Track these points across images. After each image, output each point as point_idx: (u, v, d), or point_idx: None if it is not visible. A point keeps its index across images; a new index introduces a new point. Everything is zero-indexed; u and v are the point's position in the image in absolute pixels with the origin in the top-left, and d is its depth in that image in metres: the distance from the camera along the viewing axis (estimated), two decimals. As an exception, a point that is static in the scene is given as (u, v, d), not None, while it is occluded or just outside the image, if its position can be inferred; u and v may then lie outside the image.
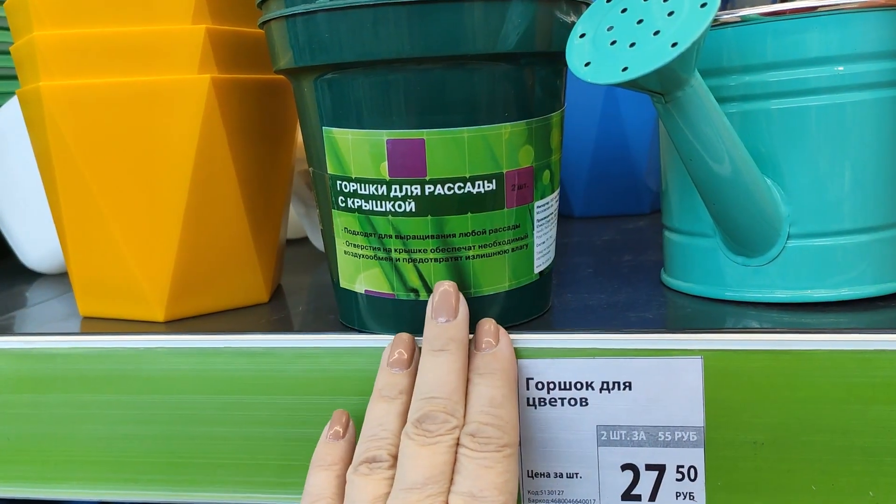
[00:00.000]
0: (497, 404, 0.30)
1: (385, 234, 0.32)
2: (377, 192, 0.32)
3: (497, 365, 0.31)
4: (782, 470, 0.31)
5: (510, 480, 0.28)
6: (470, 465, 0.28)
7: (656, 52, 0.27)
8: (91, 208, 0.37)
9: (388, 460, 0.30)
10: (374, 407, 0.31)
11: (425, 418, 0.29)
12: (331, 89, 0.32)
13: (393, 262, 0.33)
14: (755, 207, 0.33)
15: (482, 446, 0.29)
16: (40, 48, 0.35)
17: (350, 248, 0.34)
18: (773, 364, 0.30)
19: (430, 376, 0.30)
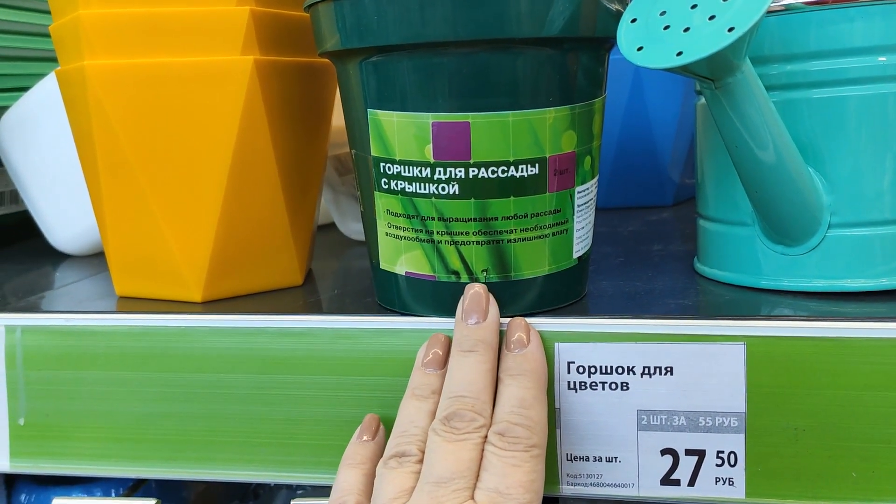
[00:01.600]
0: (527, 405, 0.30)
1: (428, 217, 0.33)
2: (421, 174, 0.32)
3: (528, 366, 0.31)
4: (823, 456, 0.31)
5: (536, 480, 0.29)
6: (498, 462, 0.28)
7: (712, 37, 0.27)
8: (132, 187, 0.38)
9: (417, 455, 0.30)
10: (406, 405, 0.32)
11: (453, 416, 0.29)
12: (376, 72, 0.32)
13: (435, 244, 0.33)
14: (798, 196, 0.33)
15: (511, 445, 0.29)
16: (85, 27, 0.36)
17: (392, 230, 0.34)
18: (815, 351, 0.31)
19: (458, 376, 0.31)
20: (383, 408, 0.34)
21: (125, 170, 0.37)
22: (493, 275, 0.33)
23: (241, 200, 0.38)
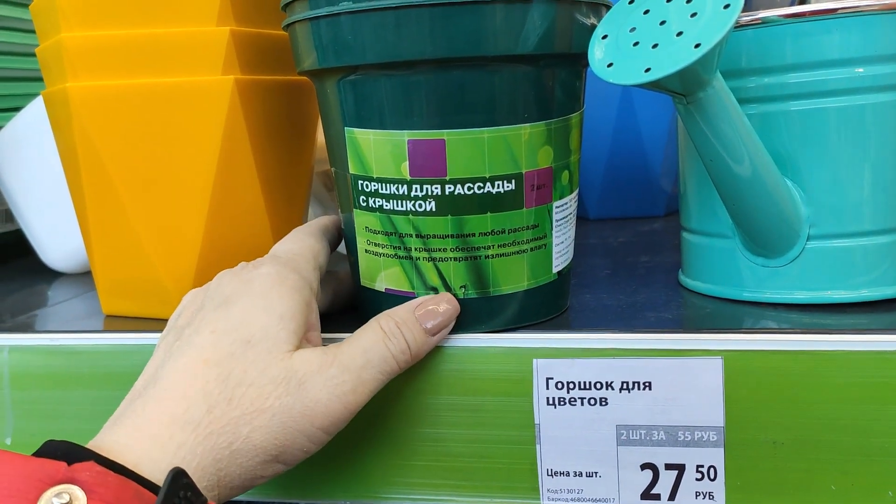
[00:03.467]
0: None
1: (405, 234, 0.33)
2: (398, 191, 0.32)
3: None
4: (802, 470, 0.31)
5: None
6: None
7: (679, 53, 0.27)
8: (116, 207, 0.38)
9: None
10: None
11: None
12: (353, 90, 0.32)
13: (413, 260, 0.33)
14: (775, 208, 0.33)
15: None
16: (67, 49, 0.36)
17: (371, 247, 0.34)
18: (793, 364, 0.31)
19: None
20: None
21: (109, 190, 0.38)
22: (472, 291, 0.33)
23: (224, 219, 0.38)
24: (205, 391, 0.28)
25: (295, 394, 0.28)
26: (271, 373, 0.28)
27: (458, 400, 0.33)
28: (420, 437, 0.34)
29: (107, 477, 0.24)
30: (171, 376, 0.28)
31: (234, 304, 0.30)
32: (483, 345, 0.33)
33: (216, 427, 0.27)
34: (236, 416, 0.27)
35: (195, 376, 0.28)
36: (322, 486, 0.35)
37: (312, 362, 0.29)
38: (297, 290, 0.31)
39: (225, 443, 0.27)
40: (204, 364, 0.28)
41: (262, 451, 0.28)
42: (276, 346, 0.29)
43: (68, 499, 0.23)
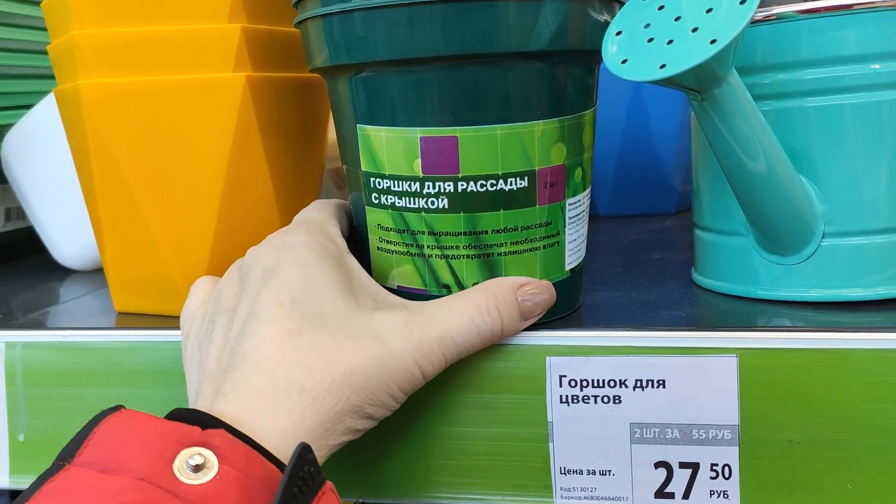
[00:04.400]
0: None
1: (418, 231, 0.33)
2: (410, 188, 0.32)
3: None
4: (818, 469, 0.30)
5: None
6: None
7: (695, 49, 0.27)
8: (128, 205, 0.38)
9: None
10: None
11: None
12: (365, 87, 0.32)
13: (425, 258, 0.33)
14: (790, 206, 0.33)
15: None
16: (79, 46, 0.36)
17: (383, 245, 0.34)
18: (809, 363, 0.30)
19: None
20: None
21: (121, 187, 0.38)
22: None
23: (236, 215, 0.38)
24: (300, 357, 0.28)
25: (385, 356, 0.29)
26: (358, 336, 0.29)
27: (472, 398, 0.33)
28: (435, 435, 0.34)
29: (237, 445, 0.24)
30: (259, 350, 0.28)
31: (283, 274, 0.30)
32: (497, 342, 0.33)
33: (319, 390, 0.27)
34: (336, 377, 0.28)
35: (286, 345, 0.28)
36: (336, 484, 0.35)
37: (397, 324, 0.30)
38: (337, 259, 0.32)
39: (330, 404, 0.28)
40: (289, 334, 0.28)
41: (359, 409, 0.29)
42: (351, 312, 0.30)
43: (202, 461, 0.23)
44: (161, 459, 0.23)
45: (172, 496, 0.23)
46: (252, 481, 0.24)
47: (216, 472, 0.23)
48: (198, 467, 0.23)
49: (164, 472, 0.23)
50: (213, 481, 0.23)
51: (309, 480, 0.24)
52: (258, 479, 0.24)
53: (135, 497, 0.22)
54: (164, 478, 0.23)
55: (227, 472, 0.24)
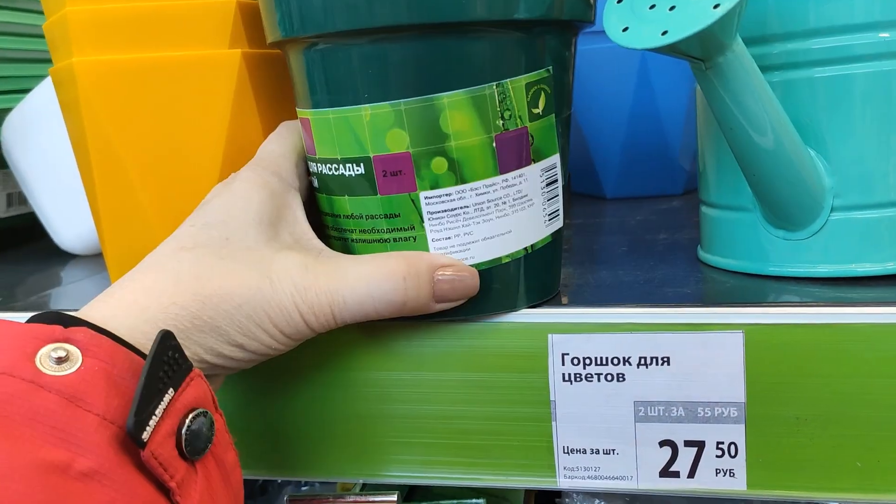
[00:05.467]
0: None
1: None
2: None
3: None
4: (826, 446, 0.30)
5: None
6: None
7: (697, 15, 0.26)
8: (124, 185, 0.38)
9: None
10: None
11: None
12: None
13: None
14: (797, 179, 0.32)
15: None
16: (73, 23, 0.36)
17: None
18: (816, 338, 0.30)
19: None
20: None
21: (117, 167, 0.37)
22: None
23: (234, 195, 0.38)
24: (175, 268, 0.29)
25: (266, 294, 0.29)
26: (245, 267, 0.29)
27: (472, 376, 0.33)
28: (433, 415, 0.33)
29: (100, 339, 0.25)
30: (147, 262, 0.30)
31: (211, 203, 0.31)
32: (496, 320, 0.32)
33: (181, 300, 0.28)
34: (205, 294, 0.28)
35: (170, 257, 0.29)
36: (335, 464, 0.34)
37: (292, 265, 0.30)
38: (276, 194, 0.32)
39: (188, 315, 0.28)
40: (180, 249, 0.29)
41: (225, 334, 0.29)
42: (255, 244, 0.30)
43: (65, 354, 0.24)
44: (22, 355, 0.23)
45: (36, 386, 0.23)
46: (118, 370, 0.24)
47: (80, 364, 0.24)
48: (60, 359, 0.24)
49: (25, 366, 0.23)
50: (77, 372, 0.24)
51: (175, 366, 0.25)
52: (124, 368, 0.25)
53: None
54: (26, 370, 0.23)
55: (91, 364, 0.24)
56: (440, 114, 0.29)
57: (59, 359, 0.24)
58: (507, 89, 0.29)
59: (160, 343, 0.25)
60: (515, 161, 0.30)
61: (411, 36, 0.28)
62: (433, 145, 0.29)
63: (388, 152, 0.30)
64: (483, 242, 0.31)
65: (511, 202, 0.31)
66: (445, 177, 0.30)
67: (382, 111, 0.29)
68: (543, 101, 0.30)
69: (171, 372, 0.25)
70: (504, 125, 0.30)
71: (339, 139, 0.30)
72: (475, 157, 0.30)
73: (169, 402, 0.24)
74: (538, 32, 0.30)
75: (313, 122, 0.31)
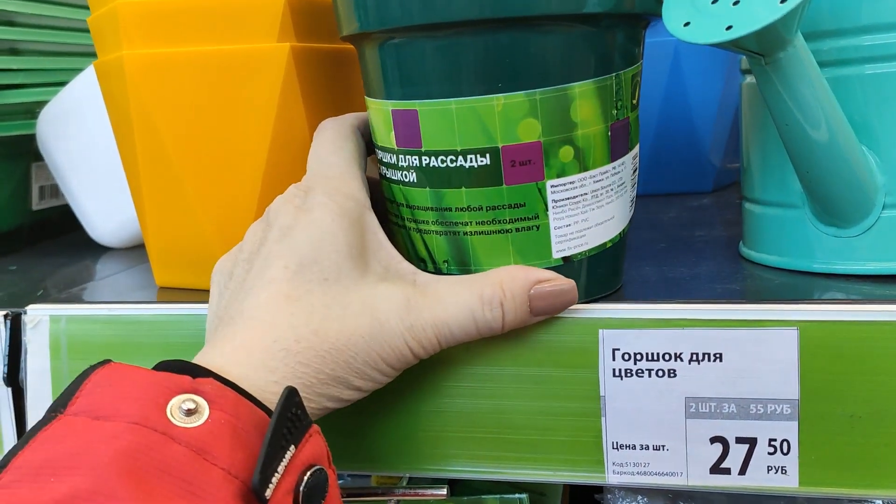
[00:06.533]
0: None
1: (401, 203, 0.33)
2: (391, 161, 0.32)
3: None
4: (880, 444, 0.30)
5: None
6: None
7: (763, 10, 0.26)
8: (171, 177, 0.38)
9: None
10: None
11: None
12: (363, 59, 0.33)
13: (407, 230, 0.33)
14: (851, 176, 0.32)
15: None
16: (123, 16, 0.36)
17: (389, 213, 0.34)
18: (871, 335, 0.30)
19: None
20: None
21: (164, 160, 0.37)
22: (454, 267, 0.32)
23: (279, 189, 0.37)
24: (291, 324, 0.28)
25: (378, 338, 0.29)
26: (354, 309, 0.29)
27: (522, 371, 0.33)
28: (482, 409, 0.33)
29: (226, 391, 0.25)
30: (254, 310, 0.29)
31: (296, 236, 0.30)
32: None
33: (304, 358, 0.28)
34: (324, 349, 0.28)
35: (280, 309, 0.29)
36: (385, 457, 0.34)
37: (396, 302, 0.30)
38: (356, 220, 0.31)
39: (312, 372, 0.28)
40: (286, 299, 0.29)
41: (344, 380, 0.29)
42: (351, 282, 0.30)
43: (194, 406, 0.24)
44: (154, 405, 0.24)
45: (168, 438, 0.23)
46: (242, 424, 0.25)
47: (207, 416, 0.24)
48: (190, 412, 0.24)
49: (158, 417, 0.23)
50: (205, 424, 0.24)
51: (297, 422, 0.25)
52: (248, 421, 0.25)
53: (131, 440, 0.23)
54: (159, 421, 0.23)
55: (218, 416, 0.24)
56: (571, 103, 0.30)
57: (189, 410, 0.24)
58: (622, 80, 0.31)
59: (286, 400, 0.25)
60: (621, 149, 0.32)
61: (550, 27, 0.29)
62: (562, 134, 0.30)
63: (519, 142, 0.30)
64: (596, 228, 0.32)
65: (615, 188, 0.32)
66: (571, 165, 0.30)
67: (516, 101, 0.29)
68: (638, 91, 0.32)
69: (294, 428, 0.25)
70: (617, 114, 0.31)
71: (462, 130, 0.30)
72: (596, 145, 0.31)
73: (290, 459, 0.24)
74: (637, 26, 0.31)
75: (425, 112, 0.30)
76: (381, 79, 0.31)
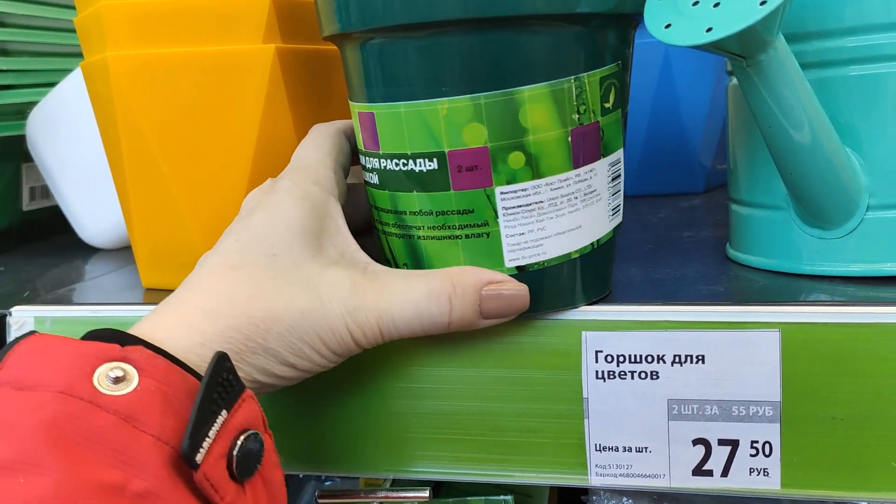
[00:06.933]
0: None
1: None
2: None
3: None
4: (861, 446, 0.30)
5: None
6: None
7: (743, 12, 0.26)
8: (156, 179, 0.38)
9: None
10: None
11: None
12: (343, 62, 0.33)
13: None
14: (834, 177, 0.32)
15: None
16: (107, 18, 0.36)
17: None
18: (853, 337, 0.30)
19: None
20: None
21: (149, 161, 0.37)
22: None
23: (264, 190, 0.38)
24: (229, 290, 0.29)
25: (317, 315, 0.29)
26: (297, 284, 0.29)
27: (505, 373, 0.33)
28: (465, 411, 0.33)
29: (156, 359, 0.25)
30: (198, 279, 0.29)
31: (255, 215, 0.31)
32: (530, 316, 0.32)
33: (235, 322, 0.28)
34: (258, 317, 0.28)
35: (220, 277, 0.29)
36: (367, 459, 0.34)
37: (341, 285, 0.30)
38: (317, 205, 0.31)
39: (242, 338, 0.28)
40: (229, 268, 0.29)
41: (276, 354, 0.29)
42: (301, 260, 0.30)
43: (122, 374, 0.24)
44: (81, 374, 0.23)
45: (95, 406, 0.23)
46: (173, 391, 0.24)
47: (136, 384, 0.24)
48: (118, 379, 0.24)
49: (84, 386, 0.23)
50: (134, 392, 0.24)
51: (228, 387, 0.25)
52: (179, 388, 0.25)
53: (56, 409, 0.22)
54: (85, 390, 0.23)
55: (147, 384, 0.24)
56: (520, 108, 0.29)
57: (117, 378, 0.24)
58: (584, 83, 0.29)
59: (216, 365, 0.25)
60: (588, 155, 0.30)
61: (496, 28, 0.28)
62: (511, 140, 0.29)
63: (465, 147, 0.29)
64: (555, 238, 0.30)
65: (582, 197, 0.30)
66: (522, 171, 0.29)
67: (460, 105, 0.29)
68: (613, 95, 0.31)
69: (225, 393, 0.25)
70: (579, 119, 0.29)
71: (411, 134, 0.30)
72: (552, 151, 0.29)
73: (222, 423, 0.24)
74: (608, 26, 0.30)
75: (380, 116, 0.30)
76: (349, 82, 0.32)
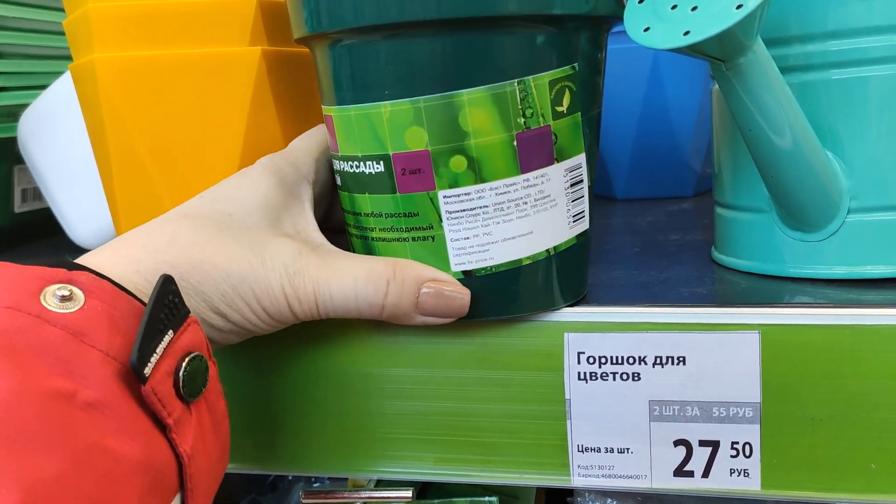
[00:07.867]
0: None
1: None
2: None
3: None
4: (841, 447, 0.30)
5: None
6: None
7: (720, 15, 0.26)
8: (143, 180, 0.38)
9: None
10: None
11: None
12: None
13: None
14: (815, 181, 0.32)
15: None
16: (94, 20, 0.36)
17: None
18: (832, 339, 0.30)
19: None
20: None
21: (136, 163, 0.38)
22: None
23: (251, 192, 0.38)
24: (175, 233, 0.29)
25: (256, 271, 0.29)
26: (241, 244, 0.30)
27: (487, 374, 0.33)
28: (448, 412, 0.33)
29: (101, 283, 0.25)
30: (152, 222, 0.31)
31: (225, 181, 0.32)
32: (512, 318, 0.32)
33: (173, 259, 0.29)
34: (196, 260, 0.29)
35: (170, 221, 0.30)
36: (350, 460, 0.35)
37: (287, 251, 0.30)
38: (287, 183, 0.33)
39: (177, 275, 0.28)
40: (183, 217, 0.30)
41: (208, 301, 0.29)
42: (256, 226, 0.31)
43: (69, 293, 0.24)
44: (26, 293, 0.24)
45: (42, 321, 0.23)
46: (119, 312, 0.25)
47: (83, 304, 0.24)
48: (64, 298, 0.24)
49: (31, 302, 0.24)
50: (81, 310, 0.24)
51: (174, 310, 0.26)
52: (125, 311, 0.25)
53: (4, 322, 0.23)
54: (32, 306, 0.24)
55: (94, 304, 0.25)
56: (459, 111, 0.28)
57: (64, 297, 0.24)
58: (530, 86, 0.29)
59: (162, 285, 0.25)
60: (538, 160, 0.30)
61: (435, 32, 0.28)
62: (452, 143, 0.29)
63: (408, 150, 0.29)
64: (503, 243, 0.30)
65: (533, 202, 0.30)
66: (464, 175, 0.29)
67: (402, 108, 0.29)
68: (568, 98, 0.30)
69: (171, 315, 0.25)
70: (526, 123, 0.29)
71: (361, 136, 0.30)
72: (495, 155, 0.29)
73: (168, 342, 0.25)
74: (568, 28, 0.29)
75: (336, 118, 0.31)
76: (319, 86, 0.33)
